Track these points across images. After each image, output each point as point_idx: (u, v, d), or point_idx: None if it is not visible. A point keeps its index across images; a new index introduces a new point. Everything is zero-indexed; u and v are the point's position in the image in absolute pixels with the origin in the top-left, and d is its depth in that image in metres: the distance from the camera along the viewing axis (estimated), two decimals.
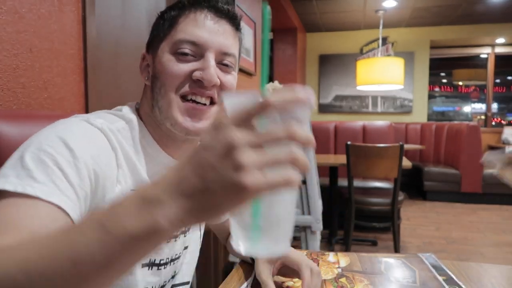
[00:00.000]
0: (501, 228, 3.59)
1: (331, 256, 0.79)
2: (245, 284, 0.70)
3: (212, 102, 0.63)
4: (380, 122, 3.93)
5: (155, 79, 0.63)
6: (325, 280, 0.69)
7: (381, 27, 5.20)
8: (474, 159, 4.55)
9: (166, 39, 0.63)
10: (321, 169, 3.35)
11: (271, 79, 5.28)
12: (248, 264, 0.80)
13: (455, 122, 5.50)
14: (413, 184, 5.14)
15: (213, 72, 0.61)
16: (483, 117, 6.37)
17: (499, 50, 6.04)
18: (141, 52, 0.71)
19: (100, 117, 0.60)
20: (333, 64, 6.09)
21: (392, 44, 5.87)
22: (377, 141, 3.52)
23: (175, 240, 0.69)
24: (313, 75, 6.20)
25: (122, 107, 0.68)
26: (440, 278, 0.69)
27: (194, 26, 0.61)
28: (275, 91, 0.33)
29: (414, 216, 4.03)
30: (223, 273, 2.20)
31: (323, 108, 6.15)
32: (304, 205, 2.19)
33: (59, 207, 0.46)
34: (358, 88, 4.72)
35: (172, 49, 0.61)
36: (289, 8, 4.66)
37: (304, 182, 2.19)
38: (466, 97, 6.77)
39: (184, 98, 0.62)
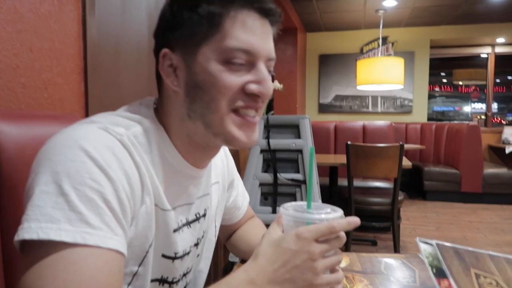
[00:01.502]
0: (501, 228, 3.59)
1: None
2: None
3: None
4: (380, 122, 3.93)
5: (196, 89, 0.55)
6: None
7: (381, 26, 5.20)
8: (474, 159, 4.55)
9: (209, 43, 0.54)
10: (321, 169, 3.35)
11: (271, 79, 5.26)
12: None
13: (455, 122, 5.50)
14: (413, 184, 5.14)
15: (270, 84, 0.57)
16: (483, 117, 6.37)
17: (499, 50, 6.04)
18: (141, 52, 0.69)
19: (118, 124, 0.54)
20: (333, 64, 6.09)
21: (392, 44, 5.87)
22: (377, 141, 3.52)
23: (188, 254, 0.67)
24: (313, 75, 6.20)
25: (139, 107, 0.61)
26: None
27: (245, 31, 0.54)
28: (335, 222, 0.52)
29: (414, 216, 4.03)
30: (223, 273, 2.20)
31: (323, 108, 6.15)
32: None
33: (117, 251, 0.46)
34: (358, 88, 4.72)
35: (221, 58, 0.53)
36: (289, 8, 4.66)
37: (304, 182, 2.19)
38: (466, 97, 6.77)
39: (235, 111, 0.57)
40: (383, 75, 4.26)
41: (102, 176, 0.47)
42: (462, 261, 0.61)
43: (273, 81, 0.65)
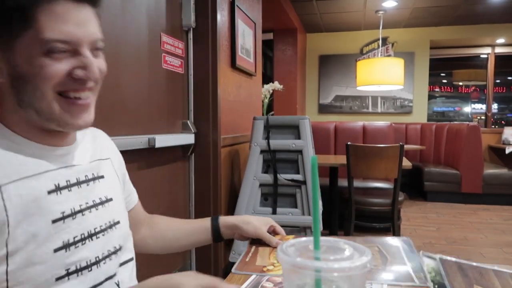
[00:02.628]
0: (501, 229, 3.58)
1: None
2: (245, 284, 0.70)
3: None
4: (380, 123, 3.93)
5: (20, 80, 0.56)
6: None
7: (381, 27, 5.21)
8: (474, 160, 4.55)
9: (24, 35, 0.54)
10: (321, 169, 3.35)
11: (271, 79, 5.27)
12: None
13: (455, 122, 5.50)
14: (413, 185, 5.14)
15: (96, 68, 0.59)
16: (483, 117, 6.37)
17: (499, 50, 6.04)
18: (141, 52, 0.68)
19: None
20: (333, 65, 6.09)
21: (392, 44, 5.87)
22: (377, 141, 3.52)
23: (82, 213, 0.64)
24: (313, 76, 6.20)
25: None
26: (410, 265, 0.70)
27: (60, 22, 0.54)
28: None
29: (414, 217, 4.03)
30: (223, 273, 2.20)
31: (323, 109, 6.15)
32: (304, 205, 2.19)
33: None
34: (358, 88, 4.72)
35: (41, 50, 0.54)
36: (289, 9, 4.66)
37: (304, 182, 2.19)
38: (466, 98, 6.77)
39: (63, 95, 0.58)
40: (383, 76, 4.26)
41: None
42: (466, 277, 0.59)
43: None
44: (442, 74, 6.92)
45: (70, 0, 0.55)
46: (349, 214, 2.74)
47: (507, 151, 4.98)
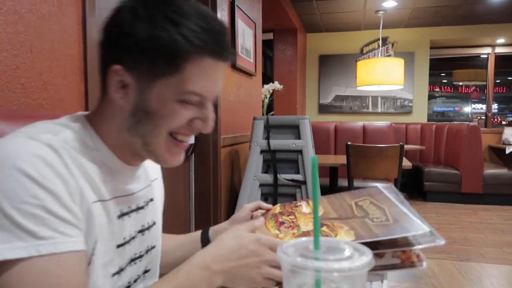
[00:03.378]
0: (501, 229, 3.58)
1: (304, 207, 0.79)
2: None
3: None
4: (380, 123, 3.94)
5: (145, 113, 0.57)
6: (308, 231, 0.69)
7: (381, 27, 5.21)
8: (474, 160, 4.55)
9: (168, 80, 0.55)
10: (321, 169, 3.35)
11: (271, 79, 5.27)
12: None
13: (455, 122, 5.50)
14: (413, 185, 5.14)
15: (212, 122, 0.62)
16: (483, 117, 6.38)
17: (499, 50, 6.04)
18: None
19: (46, 131, 0.54)
20: (333, 65, 6.10)
21: (392, 44, 5.87)
22: (377, 141, 3.52)
23: (134, 239, 0.67)
24: (313, 76, 6.20)
25: (67, 116, 0.62)
26: (409, 212, 0.69)
27: (203, 77, 0.57)
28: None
29: None
30: None
31: (323, 109, 6.15)
32: None
33: (74, 251, 0.50)
34: (358, 88, 4.72)
35: (177, 96, 0.56)
36: (289, 9, 4.66)
37: (304, 182, 2.19)
38: (466, 98, 6.77)
39: (173, 135, 0.60)
40: (383, 76, 4.26)
41: (39, 190, 0.48)
42: None
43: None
44: (442, 74, 6.92)
45: (216, 59, 0.57)
46: None
47: (507, 151, 4.98)
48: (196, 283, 0.57)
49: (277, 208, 0.80)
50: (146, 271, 0.73)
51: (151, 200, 0.73)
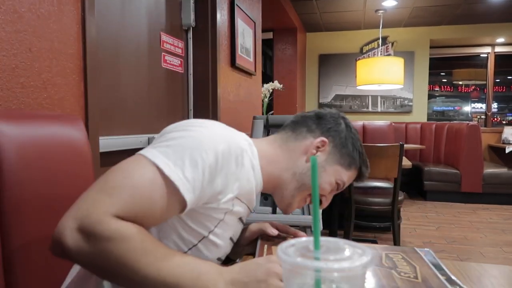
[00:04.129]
0: (501, 228, 3.59)
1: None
2: None
3: None
4: (380, 122, 3.93)
5: (308, 176, 0.80)
6: None
7: (381, 26, 5.20)
8: (474, 159, 4.55)
9: (341, 168, 0.83)
10: None
11: (271, 78, 5.27)
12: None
13: (455, 121, 5.50)
14: (413, 184, 5.14)
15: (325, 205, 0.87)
16: (483, 116, 6.37)
17: (499, 49, 6.04)
18: (141, 53, 0.69)
19: (240, 136, 0.75)
20: (333, 64, 6.09)
21: (392, 43, 5.87)
22: (377, 140, 3.52)
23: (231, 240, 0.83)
24: (313, 75, 6.20)
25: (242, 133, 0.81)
26: (442, 277, 0.69)
27: (351, 179, 0.86)
28: None
29: (414, 216, 4.03)
30: None
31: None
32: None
33: (184, 201, 0.61)
34: (358, 87, 4.72)
35: (337, 180, 0.82)
36: (289, 8, 4.66)
37: None
38: (466, 97, 6.77)
39: (305, 198, 0.84)
40: (383, 75, 4.26)
41: (212, 157, 0.64)
42: None
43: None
44: (442, 74, 6.92)
45: (359, 172, 0.88)
46: (349, 214, 2.74)
47: (507, 151, 4.98)
48: (204, 279, 0.58)
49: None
50: None
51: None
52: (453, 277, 0.70)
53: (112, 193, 0.56)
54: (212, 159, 0.64)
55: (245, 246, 0.91)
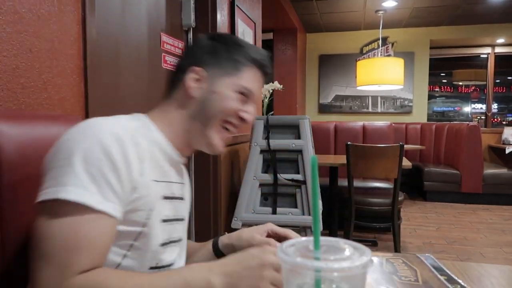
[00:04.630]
0: (501, 229, 3.58)
1: None
2: None
3: None
4: (380, 122, 3.93)
5: (211, 101, 0.77)
6: None
7: (381, 27, 5.21)
8: (474, 159, 4.55)
9: (231, 77, 0.78)
10: (321, 169, 3.35)
11: (271, 79, 5.27)
12: None
13: (455, 122, 5.50)
14: (413, 184, 5.14)
15: (253, 117, 0.82)
16: (483, 117, 6.37)
17: (499, 50, 6.04)
18: (141, 52, 0.70)
19: (119, 120, 0.70)
20: (333, 64, 6.09)
21: (392, 44, 5.87)
22: (377, 141, 3.52)
23: (177, 221, 0.80)
24: (313, 75, 6.20)
25: (133, 114, 0.79)
26: (442, 278, 0.69)
27: (256, 81, 0.81)
28: None
29: (414, 217, 4.03)
30: None
31: (323, 108, 6.15)
32: (304, 205, 2.19)
33: (110, 215, 0.60)
34: (358, 88, 4.72)
35: (236, 89, 0.78)
36: (289, 8, 4.66)
37: (304, 182, 2.19)
38: (466, 97, 6.77)
39: (223, 126, 0.79)
40: (383, 76, 4.26)
41: (104, 158, 0.61)
42: None
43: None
44: (442, 74, 6.92)
45: (261, 72, 0.82)
46: (349, 214, 2.74)
47: (507, 151, 4.98)
48: (195, 280, 0.58)
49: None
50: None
51: (183, 199, 0.84)
52: (453, 277, 0.70)
53: (56, 261, 0.56)
54: (108, 162, 0.61)
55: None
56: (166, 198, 0.74)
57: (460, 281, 0.68)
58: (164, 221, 0.74)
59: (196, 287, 0.57)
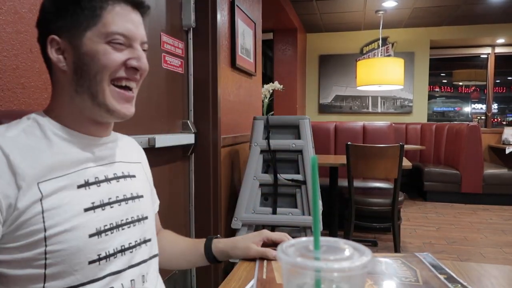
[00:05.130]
0: (501, 229, 3.58)
1: None
2: (250, 284, 0.70)
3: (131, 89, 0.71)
4: (380, 123, 3.93)
5: (84, 66, 0.66)
6: None
7: (381, 27, 5.21)
8: (474, 160, 4.55)
9: (92, 29, 0.65)
10: (321, 169, 3.35)
11: (271, 79, 5.27)
12: (249, 263, 0.81)
13: (455, 122, 5.50)
14: (413, 185, 5.14)
15: (146, 61, 0.71)
16: (483, 117, 6.37)
17: (499, 50, 6.04)
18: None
19: (14, 125, 0.64)
20: (333, 65, 6.10)
21: (392, 44, 5.87)
22: (377, 141, 3.52)
23: (119, 205, 0.71)
24: (313, 76, 6.20)
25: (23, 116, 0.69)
26: (441, 277, 0.69)
27: (122, 19, 0.67)
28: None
29: (414, 217, 4.03)
30: (223, 273, 2.20)
31: (323, 108, 6.15)
32: (304, 205, 2.19)
33: None
34: (358, 88, 4.72)
35: (105, 40, 0.66)
36: (289, 9, 4.66)
37: (304, 182, 2.19)
38: (466, 98, 6.77)
39: (115, 84, 0.68)
40: (383, 76, 4.26)
41: None
42: None
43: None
44: (442, 74, 6.92)
45: (129, 5, 0.69)
46: (349, 214, 2.74)
47: (507, 151, 4.98)
48: None
49: None
50: (148, 240, 0.76)
51: (134, 176, 0.78)
52: (453, 275, 0.70)
53: None
54: None
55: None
56: (80, 186, 0.66)
57: (460, 279, 0.68)
58: (87, 209, 0.65)
59: None
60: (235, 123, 2.49)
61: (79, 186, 0.66)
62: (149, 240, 0.77)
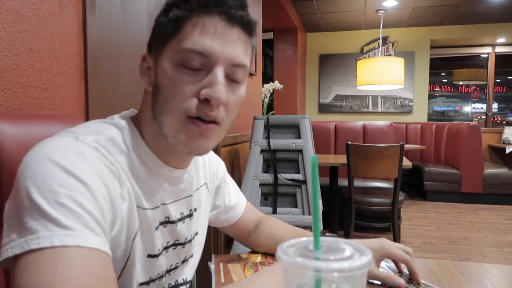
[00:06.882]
0: (501, 229, 3.58)
1: None
2: None
3: (216, 122, 0.56)
4: (381, 122, 3.93)
5: (157, 89, 0.56)
6: None
7: (381, 27, 5.21)
8: (474, 159, 4.54)
9: (170, 44, 0.54)
10: (321, 169, 3.35)
11: (271, 79, 5.27)
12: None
13: (456, 122, 5.50)
14: (414, 184, 5.14)
15: (221, 89, 0.53)
16: (483, 117, 6.37)
17: (499, 49, 6.04)
18: (141, 52, 0.68)
19: (89, 132, 0.54)
20: (333, 64, 6.09)
21: (393, 44, 5.87)
22: (377, 141, 3.52)
23: (167, 251, 0.66)
24: (313, 75, 6.20)
25: (114, 116, 0.62)
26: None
27: (202, 34, 0.52)
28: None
29: (414, 216, 4.03)
30: None
31: (323, 108, 6.15)
32: (304, 205, 2.19)
33: (98, 249, 0.46)
34: (359, 88, 4.72)
35: (177, 59, 0.53)
36: (289, 8, 4.66)
37: (304, 182, 2.19)
38: (466, 97, 6.76)
39: (192, 118, 0.55)
40: (383, 75, 4.26)
41: (71, 180, 0.47)
42: None
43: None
44: (443, 74, 6.92)
45: (223, 19, 0.53)
46: (349, 214, 2.74)
47: (507, 151, 4.98)
48: None
49: (258, 257, 0.81)
50: (186, 282, 0.73)
51: (195, 209, 0.70)
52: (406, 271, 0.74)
53: None
54: (83, 188, 0.47)
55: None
56: (160, 225, 0.61)
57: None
58: (149, 256, 0.61)
59: None
60: (235, 122, 2.49)
61: (156, 228, 0.61)
62: (187, 281, 0.74)
